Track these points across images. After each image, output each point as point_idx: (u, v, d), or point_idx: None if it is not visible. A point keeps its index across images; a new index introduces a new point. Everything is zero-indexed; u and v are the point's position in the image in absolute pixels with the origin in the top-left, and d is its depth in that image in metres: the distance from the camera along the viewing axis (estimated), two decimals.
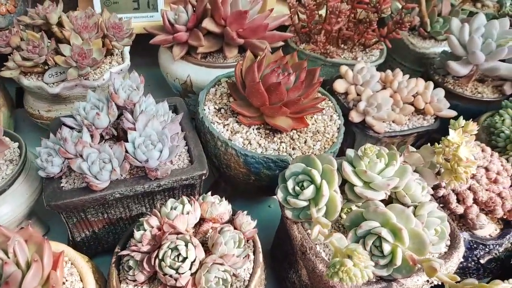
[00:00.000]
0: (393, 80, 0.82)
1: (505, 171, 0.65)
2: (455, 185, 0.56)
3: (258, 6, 0.87)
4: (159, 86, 1.14)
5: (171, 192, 0.67)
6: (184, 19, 0.85)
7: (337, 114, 0.77)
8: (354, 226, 0.50)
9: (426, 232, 0.49)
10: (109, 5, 0.95)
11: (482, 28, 0.82)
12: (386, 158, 0.54)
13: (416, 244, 0.47)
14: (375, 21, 0.92)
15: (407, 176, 0.52)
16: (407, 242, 0.46)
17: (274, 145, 0.69)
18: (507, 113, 0.76)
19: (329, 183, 0.52)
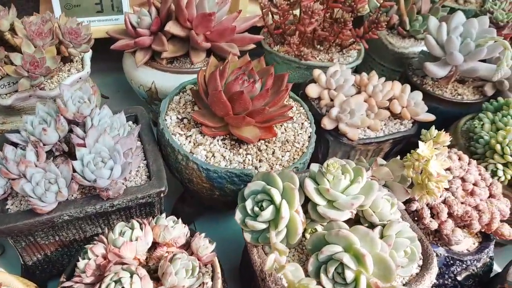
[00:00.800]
0: (368, 83, 0.78)
1: (483, 181, 0.61)
2: (428, 199, 0.52)
3: (226, 7, 0.82)
4: (130, 92, 1.09)
5: (127, 212, 0.62)
6: (147, 22, 0.80)
7: (308, 121, 0.73)
8: (317, 250, 0.46)
9: (394, 255, 0.45)
10: (70, 8, 0.90)
11: (461, 27, 0.78)
12: (352, 174, 0.49)
13: (381, 270, 0.43)
14: (350, 21, 0.87)
15: (374, 193, 0.48)
16: (371, 268, 0.42)
17: (240, 157, 0.64)
18: (486, 116, 0.72)
19: (289, 203, 0.48)
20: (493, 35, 0.79)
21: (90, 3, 0.91)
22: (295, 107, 0.76)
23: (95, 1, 0.91)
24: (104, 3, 0.92)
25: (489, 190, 0.61)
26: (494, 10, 0.96)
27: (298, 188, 0.50)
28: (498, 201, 0.60)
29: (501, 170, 0.64)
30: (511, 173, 0.64)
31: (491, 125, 0.71)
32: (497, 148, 0.64)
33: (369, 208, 0.49)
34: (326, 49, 0.96)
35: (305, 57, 0.91)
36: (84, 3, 0.90)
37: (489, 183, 0.61)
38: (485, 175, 0.62)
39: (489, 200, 0.59)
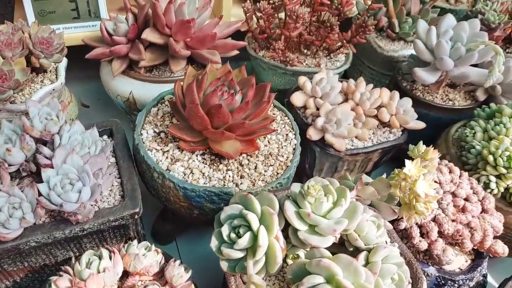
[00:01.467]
0: (355, 91, 0.75)
1: (475, 195, 0.58)
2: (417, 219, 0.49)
3: (207, 13, 0.79)
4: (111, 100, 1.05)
5: (100, 235, 0.59)
6: (123, 29, 0.76)
7: (293, 132, 0.70)
8: (298, 279, 0.43)
9: (380, 284, 0.42)
10: (44, 15, 0.86)
11: (451, 31, 0.75)
12: (335, 195, 0.46)
13: None
14: (336, 25, 0.84)
15: (358, 217, 0.44)
16: None
17: (220, 173, 0.61)
18: (478, 124, 0.69)
19: (268, 229, 0.44)
20: (484, 39, 0.76)
21: (66, 9, 0.87)
22: (279, 117, 0.73)
23: (71, 7, 0.87)
24: (80, 9, 0.88)
25: (482, 204, 0.58)
26: (486, 11, 0.93)
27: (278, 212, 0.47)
28: (491, 216, 0.57)
29: (494, 183, 0.61)
30: (504, 185, 0.61)
31: (483, 134, 0.68)
32: (490, 159, 0.61)
33: (354, 232, 0.46)
34: (313, 54, 0.93)
35: (291, 63, 0.87)
36: (59, 10, 0.86)
37: (482, 197, 0.58)
38: (477, 189, 0.60)
39: (482, 215, 0.56)
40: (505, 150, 0.61)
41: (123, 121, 0.67)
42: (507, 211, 0.63)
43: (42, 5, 0.85)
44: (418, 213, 0.46)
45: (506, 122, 0.66)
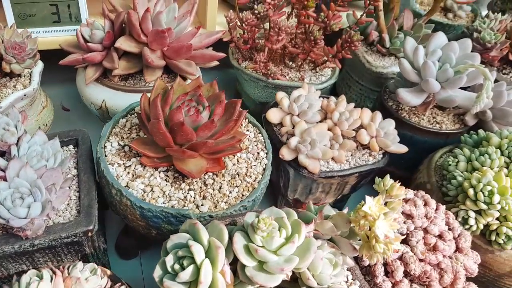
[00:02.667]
0: (334, 110, 0.71)
1: (450, 232, 0.54)
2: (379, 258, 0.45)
3: (186, 23, 0.76)
4: None
5: (53, 250, 0.56)
6: (99, 36, 0.74)
7: (265, 151, 0.67)
8: None
9: None
10: (24, 18, 0.84)
11: (439, 51, 0.72)
12: (289, 230, 0.43)
13: None
14: (320, 38, 0.81)
15: (310, 255, 0.41)
16: None
17: (181, 193, 0.58)
18: (463, 153, 0.66)
19: (213, 264, 0.41)
20: (475, 61, 0.72)
21: (46, 13, 0.85)
22: (253, 133, 0.70)
23: (51, 11, 0.85)
24: (61, 13, 0.85)
25: (457, 242, 0.54)
26: (482, 29, 0.89)
27: (228, 243, 0.43)
28: (466, 256, 0.53)
29: (473, 218, 0.57)
30: (484, 222, 0.57)
31: (467, 164, 0.64)
32: (470, 193, 0.57)
33: (307, 270, 0.43)
34: (298, 67, 0.90)
35: (272, 76, 0.84)
36: (39, 13, 0.84)
37: (457, 234, 0.55)
38: (453, 224, 0.56)
39: (455, 255, 0.53)
40: (487, 184, 0.57)
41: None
42: (487, 249, 0.59)
43: (22, 8, 0.83)
44: (378, 254, 0.42)
45: (491, 152, 0.62)
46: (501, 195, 0.56)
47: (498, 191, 0.56)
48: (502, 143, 0.64)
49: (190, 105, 0.60)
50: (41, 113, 0.80)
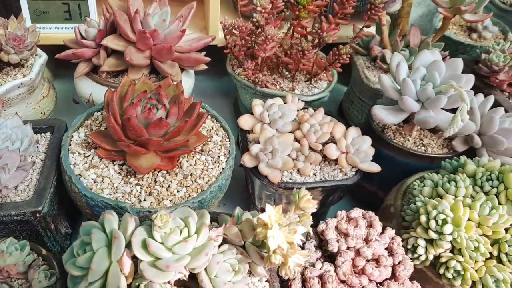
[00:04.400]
0: (306, 121, 0.69)
1: (389, 258, 0.50)
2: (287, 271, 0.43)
3: (175, 26, 0.78)
4: None
5: (7, 226, 0.60)
6: (92, 34, 0.79)
7: (227, 156, 0.67)
8: None
9: None
10: (39, 14, 0.91)
11: (423, 69, 0.67)
12: (192, 230, 0.43)
13: None
14: (309, 49, 0.79)
15: (201, 257, 0.40)
16: None
17: (128, 187, 0.60)
18: (431, 178, 0.61)
19: (110, 253, 0.42)
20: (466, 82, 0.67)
21: (59, 11, 0.92)
22: (220, 137, 0.70)
23: (63, 9, 0.92)
24: (72, 11, 0.92)
25: (394, 270, 0.50)
26: (493, 50, 0.82)
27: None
28: (401, 286, 0.49)
29: (422, 247, 0.53)
30: (434, 253, 0.52)
31: (432, 190, 0.59)
32: (422, 220, 0.53)
33: (204, 272, 0.42)
34: (292, 77, 0.89)
35: (261, 84, 0.84)
36: (52, 10, 0.91)
37: (398, 261, 0.51)
38: (397, 251, 0.52)
39: (387, 282, 0.48)
40: (441, 213, 0.52)
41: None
42: (437, 283, 0.54)
43: (37, 5, 0.90)
44: (275, 265, 0.41)
45: (459, 180, 0.57)
46: (455, 226, 0.51)
47: (453, 221, 0.51)
48: (477, 171, 0.59)
49: (150, 103, 0.61)
50: (40, 102, 0.86)
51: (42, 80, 0.88)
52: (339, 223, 0.52)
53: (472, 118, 0.69)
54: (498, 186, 0.56)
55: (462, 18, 0.82)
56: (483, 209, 0.53)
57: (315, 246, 0.53)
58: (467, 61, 0.88)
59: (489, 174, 0.58)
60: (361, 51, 0.95)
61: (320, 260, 0.51)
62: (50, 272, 0.50)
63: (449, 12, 0.81)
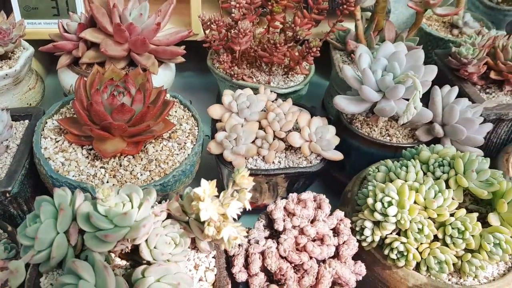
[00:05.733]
0: (272, 111, 0.72)
1: (334, 238, 0.52)
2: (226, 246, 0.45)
3: (151, 21, 0.81)
4: None
5: None
6: (74, 27, 0.82)
7: (194, 143, 0.69)
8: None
9: None
10: (28, 10, 0.96)
11: (384, 60, 0.69)
12: (135, 204, 0.45)
13: None
14: (280, 43, 0.81)
15: (139, 229, 0.43)
16: None
17: (93, 170, 0.63)
18: (385, 164, 0.62)
19: (57, 224, 0.45)
20: (427, 73, 0.68)
21: (47, 7, 0.96)
22: (190, 125, 0.73)
23: (51, 5, 0.96)
24: (60, 7, 0.96)
25: (338, 249, 0.52)
26: (464, 44, 0.83)
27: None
28: (343, 264, 0.50)
29: (369, 229, 0.54)
30: (380, 235, 0.54)
31: (385, 175, 0.61)
32: (369, 202, 0.54)
33: (145, 243, 0.44)
34: (269, 70, 0.91)
35: (236, 77, 0.86)
36: (41, 6, 0.95)
37: (343, 241, 0.52)
38: (343, 231, 0.53)
39: (329, 261, 0.50)
40: (387, 195, 0.54)
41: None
42: (385, 265, 0.55)
43: (26, 1, 0.94)
44: (207, 237, 0.43)
45: (410, 165, 0.58)
46: (400, 208, 0.53)
47: (398, 204, 0.53)
48: (431, 158, 0.60)
49: (117, 90, 0.64)
50: (26, 94, 0.89)
51: (30, 73, 0.92)
52: (288, 203, 0.54)
53: (433, 108, 0.70)
54: (449, 171, 0.57)
55: (434, 12, 0.84)
56: (429, 192, 0.54)
57: (264, 226, 0.55)
58: (442, 55, 0.89)
59: (441, 160, 0.59)
60: (338, 46, 0.97)
61: (266, 238, 0.53)
62: (11, 246, 0.53)
63: (419, 6, 0.83)
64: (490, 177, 0.55)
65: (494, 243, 0.51)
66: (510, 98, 0.82)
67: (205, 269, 0.49)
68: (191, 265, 0.49)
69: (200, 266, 0.49)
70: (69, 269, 0.41)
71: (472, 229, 0.51)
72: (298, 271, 0.49)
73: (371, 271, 0.56)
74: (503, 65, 0.79)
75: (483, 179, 0.55)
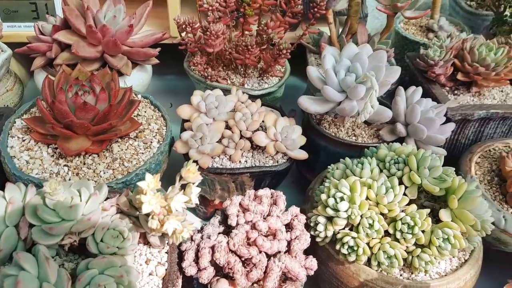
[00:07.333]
0: (240, 110, 0.73)
1: (286, 233, 0.53)
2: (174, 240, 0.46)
3: (125, 23, 0.83)
4: None
5: None
6: (48, 29, 0.84)
7: (161, 142, 0.70)
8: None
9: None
10: (8, 13, 0.98)
11: (347, 61, 0.70)
12: (84, 198, 0.46)
13: None
14: (252, 45, 0.83)
15: (83, 222, 0.44)
16: None
17: (56, 168, 0.64)
18: (344, 162, 0.63)
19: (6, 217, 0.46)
20: (389, 73, 0.69)
21: (27, 10, 0.98)
22: (159, 125, 0.74)
23: (31, 8, 0.98)
24: (39, 10, 0.98)
25: (290, 244, 0.52)
26: (432, 46, 0.84)
27: None
28: (293, 258, 0.51)
29: (322, 225, 0.55)
30: (332, 230, 0.54)
31: (343, 172, 0.61)
32: (322, 198, 0.55)
33: (91, 236, 0.45)
34: (244, 72, 0.92)
35: (210, 78, 0.88)
36: (21, 10, 0.97)
37: (295, 236, 0.53)
38: (297, 227, 0.54)
39: (279, 255, 0.51)
40: (339, 191, 0.54)
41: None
42: (338, 260, 0.56)
43: (6, 4, 0.96)
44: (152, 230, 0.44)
45: (365, 162, 0.59)
46: (351, 204, 0.53)
47: (349, 200, 0.54)
48: (387, 155, 0.61)
49: (83, 89, 0.66)
50: (3, 95, 0.91)
51: (8, 75, 0.93)
52: (243, 199, 0.55)
53: (395, 108, 0.71)
54: (403, 168, 0.58)
55: (402, 15, 0.85)
56: (381, 188, 0.55)
57: (219, 222, 0.56)
58: (413, 57, 0.90)
59: (397, 158, 0.60)
60: (313, 49, 0.98)
61: (221, 234, 0.53)
62: None
63: (388, 9, 0.84)
64: (442, 174, 0.56)
65: (443, 238, 0.52)
66: (477, 99, 0.83)
67: (156, 263, 0.50)
68: (142, 259, 0.50)
69: (152, 261, 0.50)
70: (14, 261, 0.42)
71: (421, 225, 0.52)
72: (248, 265, 0.50)
73: (326, 266, 0.57)
74: (469, 67, 0.80)
75: (435, 175, 0.56)
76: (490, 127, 0.81)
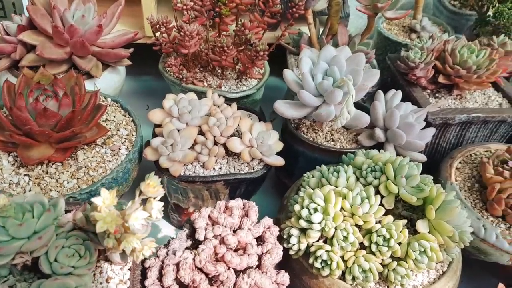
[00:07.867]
0: (214, 115, 0.70)
1: (256, 247, 0.50)
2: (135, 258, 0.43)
3: (95, 23, 0.79)
4: None
5: None
6: (13, 29, 0.80)
7: (129, 149, 0.67)
8: None
9: None
10: None
11: (324, 64, 0.68)
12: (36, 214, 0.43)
13: None
14: (228, 46, 0.80)
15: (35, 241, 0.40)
16: None
17: (16, 177, 0.60)
18: (320, 170, 0.61)
19: None
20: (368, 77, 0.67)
21: None
22: (128, 131, 0.71)
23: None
24: (6, 9, 0.93)
25: (261, 259, 0.50)
26: (413, 47, 0.82)
27: None
28: (263, 274, 0.49)
29: (295, 237, 0.52)
30: (306, 243, 0.52)
31: (317, 181, 0.59)
32: (295, 209, 0.53)
33: (44, 256, 0.42)
34: (221, 74, 0.89)
35: (185, 80, 0.84)
36: None
37: (266, 250, 0.50)
38: (269, 240, 0.52)
39: (249, 271, 0.48)
40: (313, 202, 0.52)
41: None
42: (312, 273, 0.53)
43: None
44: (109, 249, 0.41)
45: (341, 170, 0.57)
46: (325, 215, 0.51)
47: (323, 211, 0.51)
48: (364, 163, 0.59)
49: (46, 94, 0.62)
50: None
51: None
52: (212, 212, 0.52)
53: (374, 113, 0.69)
54: (380, 177, 0.56)
55: (383, 16, 0.83)
56: (356, 199, 0.52)
57: (187, 235, 0.53)
58: (394, 59, 0.88)
59: (374, 166, 0.57)
60: (293, 50, 0.96)
61: (188, 249, 0.51)
62: None
63: (368, 9, 0.82)
64: (420, 183, 0.54)
65: (420, 251, 0.50)
66: (459, 102, 0.81)
67: (118, 281, 0.47)
68: (103, 277, 0.47)
69: (113, 279, 0.47)
70: None
71: (397, 237, 0.50)
72: (215, 282, 0.47)
73: (300, 280, 0.55)
74: (450, 69, 0.78)
75: (413, 184, 0.54)
76: (472, 131, 0.79)
